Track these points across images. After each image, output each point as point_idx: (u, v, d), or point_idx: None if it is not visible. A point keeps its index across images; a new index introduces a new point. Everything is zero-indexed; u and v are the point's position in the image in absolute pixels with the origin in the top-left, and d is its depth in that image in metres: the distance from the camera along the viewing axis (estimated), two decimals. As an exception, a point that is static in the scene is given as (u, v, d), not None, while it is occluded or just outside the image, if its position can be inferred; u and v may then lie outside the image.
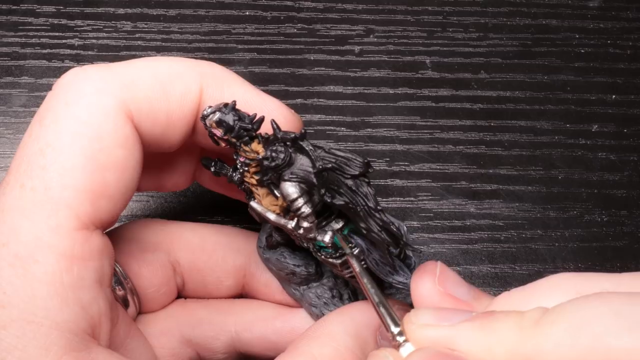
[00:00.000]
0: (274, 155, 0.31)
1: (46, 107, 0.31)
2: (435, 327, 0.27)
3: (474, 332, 0.26)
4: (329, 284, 0.38)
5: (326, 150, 0.32)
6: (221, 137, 0.32)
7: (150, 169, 0.36)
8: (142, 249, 0.37)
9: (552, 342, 0.23)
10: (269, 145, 0.32)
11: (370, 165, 0.32)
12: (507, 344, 0.24)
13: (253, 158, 0.33)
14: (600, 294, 0.24)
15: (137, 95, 0.31)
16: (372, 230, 0.32)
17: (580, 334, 0.22)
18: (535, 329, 0.24)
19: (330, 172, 0.31)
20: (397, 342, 0.28)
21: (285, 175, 0.31)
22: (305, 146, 0.31)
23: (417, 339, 0.27)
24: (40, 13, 0.53)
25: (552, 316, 0.24)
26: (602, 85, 0.53)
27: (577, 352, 0.22)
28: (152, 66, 0.33)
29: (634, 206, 0.48)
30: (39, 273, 0.28)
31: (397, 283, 0.34)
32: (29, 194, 0.29)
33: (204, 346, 0.38)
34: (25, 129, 0.31)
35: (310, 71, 0.52)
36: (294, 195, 0.31)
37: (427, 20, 0.55)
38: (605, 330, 0.22)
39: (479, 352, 0.25)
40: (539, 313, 0.24)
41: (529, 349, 0.24)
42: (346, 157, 0.31)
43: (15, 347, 0.27)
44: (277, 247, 0.37)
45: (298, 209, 0.31)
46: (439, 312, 0.28)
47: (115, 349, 0.32)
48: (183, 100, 0.33)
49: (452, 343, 0.26)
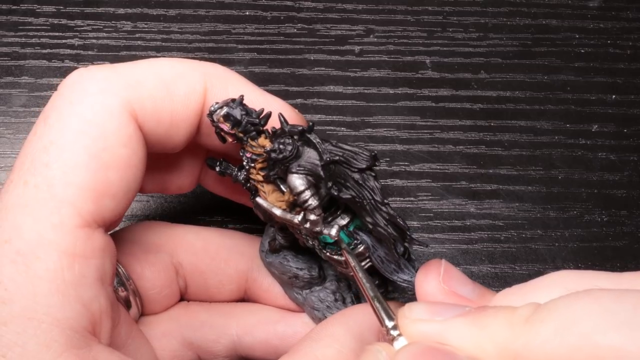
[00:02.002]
0: (281, 147, 0.31)
1: (51, 106, 0.31)
2: (428, 321, 0.27)
3: (465, 327, 0.26)
4: (332, 288, 0.38)
5: (333, 143, 0.32)
6: (228, 131, 0.32)
7: (155, 171, 0.37)
8: (145, 250, 0.37)
9: (541, 339, 0.23)
10: (277, 138, 0.32)
11: (377, 158, 0.32)
12: (498, 340, 0.25)
13: (260, 153, 0.33)
14: (590, 291, 0.24)
15: (141, 95, 0.32)
16: (379, 224, 0.32)
17: (568, 332, 0.22)
18: (525, 326, 0.24)
19: (337, 165, 0.31)
20: (391, 336, 0.28)
21: (293, 167, 0.31)
22: (312, 139, 0.31)
23: (410, 333, 0.27)
24: (40, 13, 0.53)
25: (542, 313, 0.24)
26: (602, 85, 0.53)
27: (565, 350, 0.22)
28: (157, 66, 0.33)
29: (634, 206, 0.48)
30: (40, 270, 0.28)
31: (402, 281, 0.34)
32: (32, 191, 0.29)
33: (205, 349, 0.38)
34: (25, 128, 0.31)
35: (310, 71, 0.52)
36: (301, 188, 0.31)
37: (427, 20, 0.55)
38: (593, 328, 0.22)
39: (470, 348, 0.25)
40: (530, 310, 0.24)
41: (518, 345, 0.24)
42: (353, 151, 0.31)
43: (16, 343, 0.27)
44: (279, 250, 0.38)
45: (305, 202, 0.32)
46: (432, 306, 0.28)
47: (117, 349, 0.32)
48: (187, 100, 0.33)
49: (444, 338, 0.26)
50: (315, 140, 0.31)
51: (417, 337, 0.27)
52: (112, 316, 0.31)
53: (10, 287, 0.28)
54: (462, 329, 0.26)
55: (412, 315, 0.28)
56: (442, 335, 0.26)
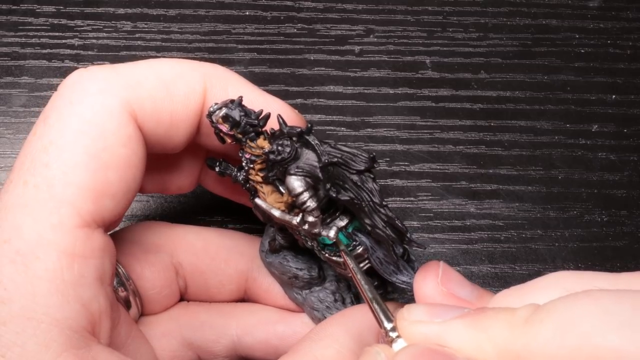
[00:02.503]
0: (279, 149, 0.31)
1: (51, 106, 0.31)
2: (427, 323, 0.27)
3: (464, 329, 0.26)
4: (331, 288, 0.38)
5: (332, 145, 0.32)
6: (227, 132, 0.32)
7: (155, 171, 0.37)
8: (145, 250, 0.37)
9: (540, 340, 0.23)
10: (275, 139, 0.32)
11: (375, 160, 0.32)
12: (497, 341, 0.24)
13: (258, 154, 0.33)
14: (589, 292, 0.23)
15: (141, 95, 0.32)
16: (377, 226, 0.32)
17: (568, 333, 0.22)
18: (524, 327, 0.24)
19: (335, 167, 0.31)
20: (390, 338, 0.28)
21: (291, 169, 0.31)
22: (311, 140, 0.31)
23: (409, 335, 0.27)
24: (40, 13, 0.53)
25: (541, 314, 0.24)
26: (602, 85, 0.53)
27: (565, 351, 0.22)
28: (156, 67, 0.33)
29: (634, 206, 0.48)
30: (39, 270, 0.28)
31: (401, 282, 0.34)
32: (31, 191, 0.29)
33: (205, 349, 0.38)
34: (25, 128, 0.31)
35: (310, 71, 0.52)
36: (300, 189, 0.31)
37: (427, 20, 0.55)
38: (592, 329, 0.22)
39: (469, 349, 0.25)
40: (530, 311, 0.24)
41: (518, 346, 0.24)
42: (352, 153, 0.31)
43: (15, 343, 0.27)
44: (279, 250, 0.38)
45: (303, 203, 0.32)
46: (431, 308, 0.28)
47: (116, 349, 0.32)
48: (187, 101, 0.33)
49: (443, 339, 0.26)
50: (314, 142, 0.31)
51: (415, 339, 0.27)
52: (111, 316, 0.31)
53: (9, 286, 0.28)
54: (461, 330, 0.26)
55: (410, 316, 0.28)
56: (441, 336, 0.26)
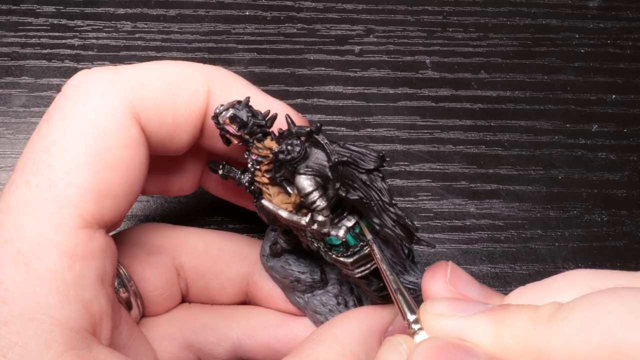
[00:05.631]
0: (289, 148, 0.31)
1: (54, 106, 0.31)
2: (450, 317, 0.27)
3: (487, 324, 0.26)
4: (334, 291, 0.38)
5: (340, 144, 0.32)
6: (234, 133, 0.32)
7: (157, 173, 0.37)
8: (146, 252, 0.37)
9: (564, 337, 0.23)
10: (284, 139, 0.32)
11: (385, 159, 0.32)
12: (520, 338, 0.25)
13: (265, 155, 0.33)
14: (613, 290, 0.24)
15: (144, 97, 0.32)
16: (386, 225, 0.31)
17: (591, 330, 0.23)
18: (548, 324, 0.24)
19: (345, 166, 0.31)
20: (413, 330, 0.28)
21: (301, 168, 0.31)
22: (320, 140, 0.31)
23: (432, 328, 0.28)
24: (40, 13, 0.53)
25: (565, 311, 0.24)
26: (602, 85, 0.53)
27: (589, 348, 0.22)
28: (160, 69, 0.33)
29: (634, 206, 0.49)
30: (41, 270, 0.28)
31: (408, 283, 0.34)
32: (33, 191, 0.29)
33: (206, 351, 0.38)
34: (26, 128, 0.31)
35: (310, 71, 0.52)
36: (309, 189, 0.31)
37: (427, 20, 0.55)
38: (616, 326, 0.22)
39: (490, 344, 0.25)
40: (553, 308, 0.24)
41: (541, 343, 0.24)
42: (361, 152, 0.31)
43: (16, 343, 0.27)
44: (281, 254, 0.37)
45: (313, 202, 0.31)
46: (454, 302, 0.28)
47: (117, 350, 0.32)
48: (190, 102, 0.33)
49: (464, 334, 0.26)
50: (324, 142, 0.31)
51: (437, 332, 0.27)
52: (112, 317, 0.31)
53: (10, 287, 0.28)
54: (483, 325, 0.26)
55: (434, 310, 0.28)
56: (463, 331, 0.26)
